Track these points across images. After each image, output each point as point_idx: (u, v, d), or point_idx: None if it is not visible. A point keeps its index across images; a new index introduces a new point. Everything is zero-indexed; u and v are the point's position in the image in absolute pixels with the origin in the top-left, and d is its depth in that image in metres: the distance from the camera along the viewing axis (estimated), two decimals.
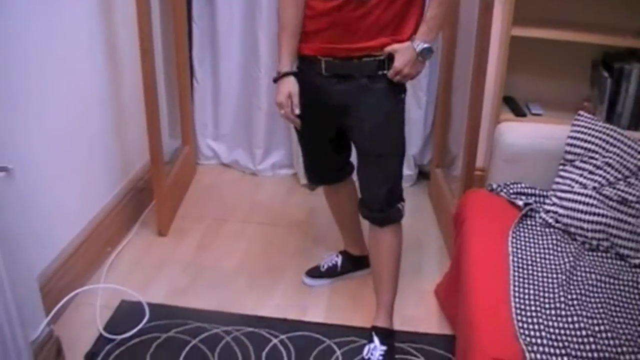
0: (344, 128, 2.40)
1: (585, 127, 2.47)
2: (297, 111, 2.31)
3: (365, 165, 2.39)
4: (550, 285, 2.03)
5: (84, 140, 2.80)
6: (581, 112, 2.54)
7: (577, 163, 2.42)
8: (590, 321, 1.86)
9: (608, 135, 2.44)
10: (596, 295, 2.00)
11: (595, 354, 1.74)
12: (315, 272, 2.92)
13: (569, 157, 2.45)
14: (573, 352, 1.75)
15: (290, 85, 2.31)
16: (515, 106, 3.14)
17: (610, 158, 2.39)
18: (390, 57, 2.21)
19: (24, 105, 2.33)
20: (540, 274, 2.08)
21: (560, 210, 2.35)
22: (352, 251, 2.93)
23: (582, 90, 3.22)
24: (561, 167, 2.46)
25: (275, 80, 2.34)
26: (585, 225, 2.29)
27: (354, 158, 2.56)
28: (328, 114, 2.36)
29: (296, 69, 2.32)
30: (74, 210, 2.78)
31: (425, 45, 2.18)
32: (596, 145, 2.42)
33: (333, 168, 2.65)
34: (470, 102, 2.69)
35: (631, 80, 2.99)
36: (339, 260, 2.93)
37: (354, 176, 2.61)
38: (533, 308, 1.92)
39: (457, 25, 3.18)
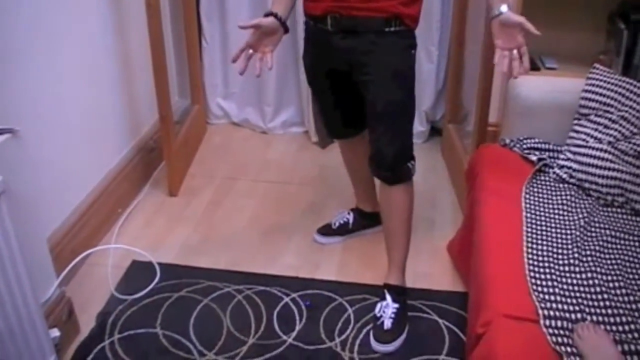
0: (355, 84, 2.34)
1: (601, 81, 2.42)
2: (247, 24, 2.17)
3: (373, 123, 2.33)
4: (564, 242, 2.00)
5: (92, 100, 2.78)
6: (596, 65, 2.48)
7: (592, 117, 2.38)
8: (604, 277, 1.84)
9: (624, 88, 2.39)
10: (610, 251, 1.97)
11: (609, 310, 1.72)
12: (327, 230, 2.91)
13: (584, 111, 2.40)
14: (587, 309, 1.73)
15: (265, 19, 2.16)
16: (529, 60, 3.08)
17: (627, 112, 2.34)
18: (398, 16, 2.16)
19: (31, 67, 2.30)
20: (553, 230, 2.06)
21: (575, 166, 2.32)
22: (364, 208, 2.91)
23: (598, 43, 3.15)
24: (575, 121, 2.42)
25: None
26: (600, 181, 2.25)
27: None
28: (339, 69, 2.32)
29: (283, 18, 2.19)
30: (83, 171, 2.77)
31: (504, 6, 2.08)
32: (612, 98, 2.37)
33: (349, 121, 2.59)
34: (483, 57, 2.65)
35: None
36: (351, 217, 2.91)
37: None
38: (546, 264, 1.89)
39: None
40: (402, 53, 2.25)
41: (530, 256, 1.92)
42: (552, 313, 1.70)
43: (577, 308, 1.73)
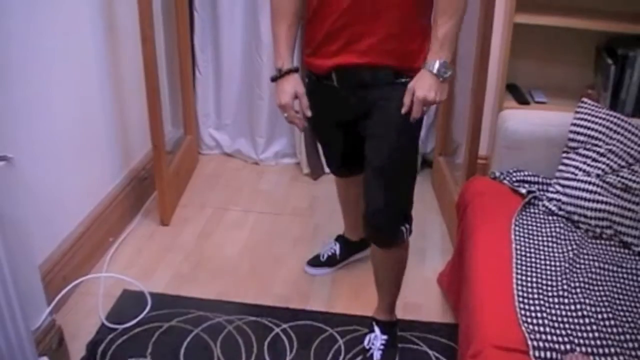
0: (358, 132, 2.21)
1: (589, 115, 2.45)
2: (309, 113, 2.13)
3: (372, 180, 2.16)
4: (553, 273, 2.02)
5: (86, 129, 2.80)
6: (584, 100, 2.52)
7: (580, 150, 2.41)
8: (593, 309, 1.85)
9: (611, 122, 2.42)
10: (599, 283, 1.99)
11: (598, 341, 1.74)
12: (316, 262, 2.92)
13: (572, 144, 2.43)
14: (576, 340, 1.74)
15: (296, 83, 2.12)
16: (518, 94, 3.12)
17: (614, 145, 2.37)
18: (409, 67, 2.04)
19: (25, 95, 2.32)
20: (543, 262, 2.07)
21: (564, 198, 2.34)
22: (351, 237, 2.90)
23: (586, 77, 3.20)
24: (564, 154, 2.45)
25: (275, 79, 2.14)
26: (588, 213, 2.28)
27: None
28: (346, 119, 2.24)
29: (297, 66, 2.15)
30: (76, 199, 2.77)
31: (442, 61, 1.94)
32: (600, 132, 2.40)
33: (350, 162, 2.46)
34: (473, 90, 2.68)
35: (635, 67, 2.98)
36: (337, 248, 2.91)
37: None
38: (536, 296, 1.91)
39: None
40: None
41: (519, 287, 1.94)
42: (541, 344, 1.71)
43: (566, 339, 1.74)
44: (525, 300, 1.88)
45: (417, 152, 2.24)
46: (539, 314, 1.83)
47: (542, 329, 1.77)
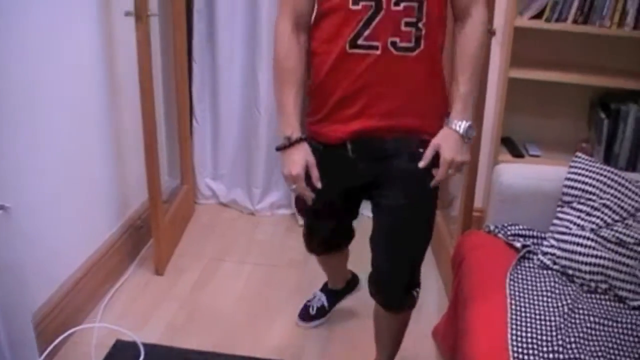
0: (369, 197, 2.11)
1: (583, 169, 2.47)
2: (320, 185, 1.99)
3: (385, 246, 2.09)
4: (549, 328, 2.01)
5: (82, 177, 2.81)
6: (578, 154, 2.54)
7: (574, 205, 2.42)
8: None
9: (605, 176, 2.44)
10: (595, 337, 1.98)
11: None
12: (306, 316, 2.89)
13: (567, 198, 2.44)
14: None
15: (306, 153, 1.98)
16: (513, 147, 3.15)
17: (608, 200, 2.38)
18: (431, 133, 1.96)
19: (23, 143, 2.33)
20: (538, 317, 2.07)
21: (558, 252, 2.35)
22: (335, 287, 2.87)
23: (580, 130, 3.24)
24: (559, 208, 2.46)
25: (283, 149, 1.99)
26: (583, 267, 2.28)
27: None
28: (345, 189, 2.12)
29: (306, 135, 2.02)
30: (71, 248, 2.77)
31: (469, 123, 1.93)
32: (593, 186, 2.42)
33: (336, 237, 2.42)
34: None
35: (628, 122, 3.02)
36: (324, 299, 2.88)
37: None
38: (531, 351, 1.90)
39: None
40: (432, 173, 1.98)
41: (514, 342, 1.93)
42: None
43: None
44: (520, 355, 1.87)
45: (434, 218, 2.14)
46: None
47: None
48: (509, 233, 2.49)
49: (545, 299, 2.17)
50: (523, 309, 2.09)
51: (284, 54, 1.96)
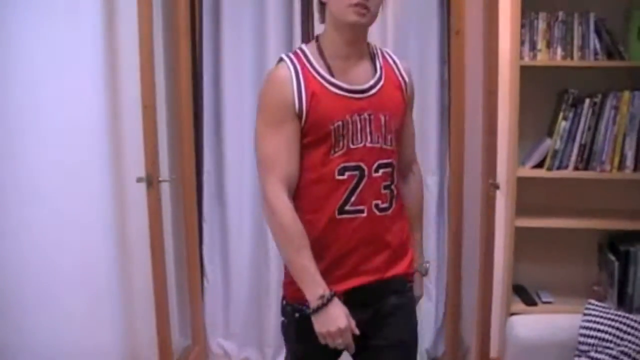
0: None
1: (597, 317, 2.45)
2: (357, 331, 1.95)
3: None
4: None
5: (93, 336, 2.78)
6: (591, 301, 2.53)
7: (591, 354, 2.39)
8: None
9: (621, 322, 2.42)
10: None
11: None
12: None
13: (583, 347, 2.41)
14: None
15: (342, 305, 1.95)
16: (525, 295, 3.13)
17: (626, 347, 2.35)
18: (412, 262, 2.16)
19: (32, 302, 2.34)
20: None
21: None
22: None
23: (591, 273, 3.23)
24: (576, 358, 2.42)
25: (319, 309, 1.92)
26: None
27: None
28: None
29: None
30: None
31: (427, 265, 2.25)
32: (610, 334, 2.39)
33: None
34: (479, 295, 2.71)
35: (638, 263, 3.01)
36: None
37: None
38: None
39: (462, 217, 3.25)
40: (415, 308, 2.16)
41: None
42: None
43: None
44: None
45: None
46: None
47: None
48: None
49: None
50: None
51: (291, 220, 1.94)
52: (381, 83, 2.03)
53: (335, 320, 1.91)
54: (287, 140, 1.95)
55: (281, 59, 2.02)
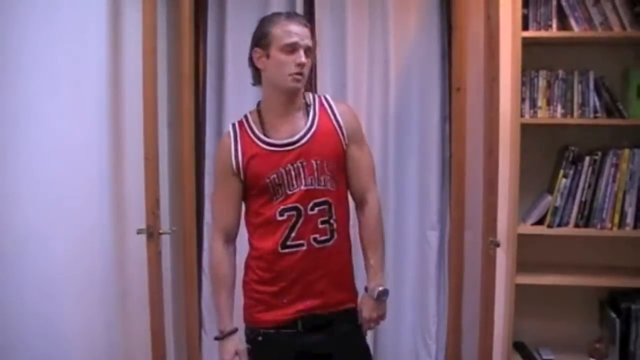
0: None
1: None
2: None
3: None
4: None
5: None
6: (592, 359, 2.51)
7: None
8: None
9: None
10: None
11: None
12: None
13: None
14: None
15: (236, 343, 2.38)
16: (525, 352, 3.12)
17: None
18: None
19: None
20: None
21: None
22: None
23: (592, 330, 3.21)
24: None
25: (218, 339, 2.39)
26: None
27: None
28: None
29: (237, 327, 2.41)
30: None
31: (380, 289, 2.38)
32: None
33: None
34: (479, 351, 2.70)
35: None
36: None
37: None
38: None
39: (462, 272, 3.24)
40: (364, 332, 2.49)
41: None
42: None
43: None
44: None
45: None
46: None
47: None
48: None
49: None
50: None
51: (216, 266, 2.41)
52: (312, 131, 2.33)
53: (224, 354, 2.37)
54: (227, 195, 2.38)
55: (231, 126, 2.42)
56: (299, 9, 3.40)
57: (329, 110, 2.39)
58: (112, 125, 2.90)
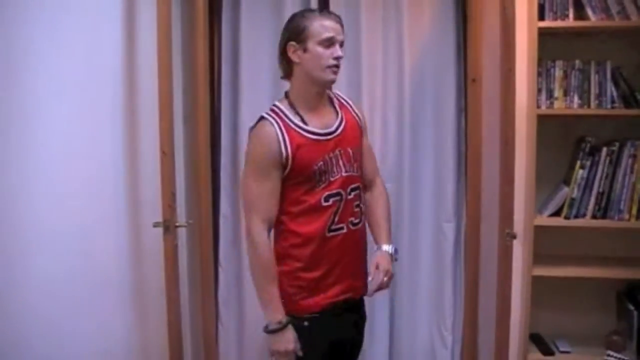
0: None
1: None
2: (301, 353, 2.43)
3: None
4: None
5: None
6: (610, 352, 2.50)
7: None
8: None
9: None
10: None
11: None
12: None
13: None
14: None
15: (293, 332, 2.42)
16: (542, 344, 3.10)
17: None
18: None
19: None
20: None
21: None
22: None
23: (610, 322, 3.19)
24: None
25: (276, 331, 2.40)
26: None
27: None
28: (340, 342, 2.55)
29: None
30: None
31: (394, 247, 2.57)
32: None
33: None
34: (496, 344, 2.69)
35: None
36: None
37: None
38: None
39: (479, 264, 3.23)
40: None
41: None
42: None
43: None
44: None
45: None
46: None
47: None
48: None
49: None
50: None
51: (267, 258, 2.41)
52: (343, 123, 2.48)
53: (285, 343, 2.39)
54: (272, 187, 2.39)
55: (263, 117, 2.41)
56: (314, 4, 3.39)
57: (348, 106, 2.57)
58: (127, 122, 2.91)
